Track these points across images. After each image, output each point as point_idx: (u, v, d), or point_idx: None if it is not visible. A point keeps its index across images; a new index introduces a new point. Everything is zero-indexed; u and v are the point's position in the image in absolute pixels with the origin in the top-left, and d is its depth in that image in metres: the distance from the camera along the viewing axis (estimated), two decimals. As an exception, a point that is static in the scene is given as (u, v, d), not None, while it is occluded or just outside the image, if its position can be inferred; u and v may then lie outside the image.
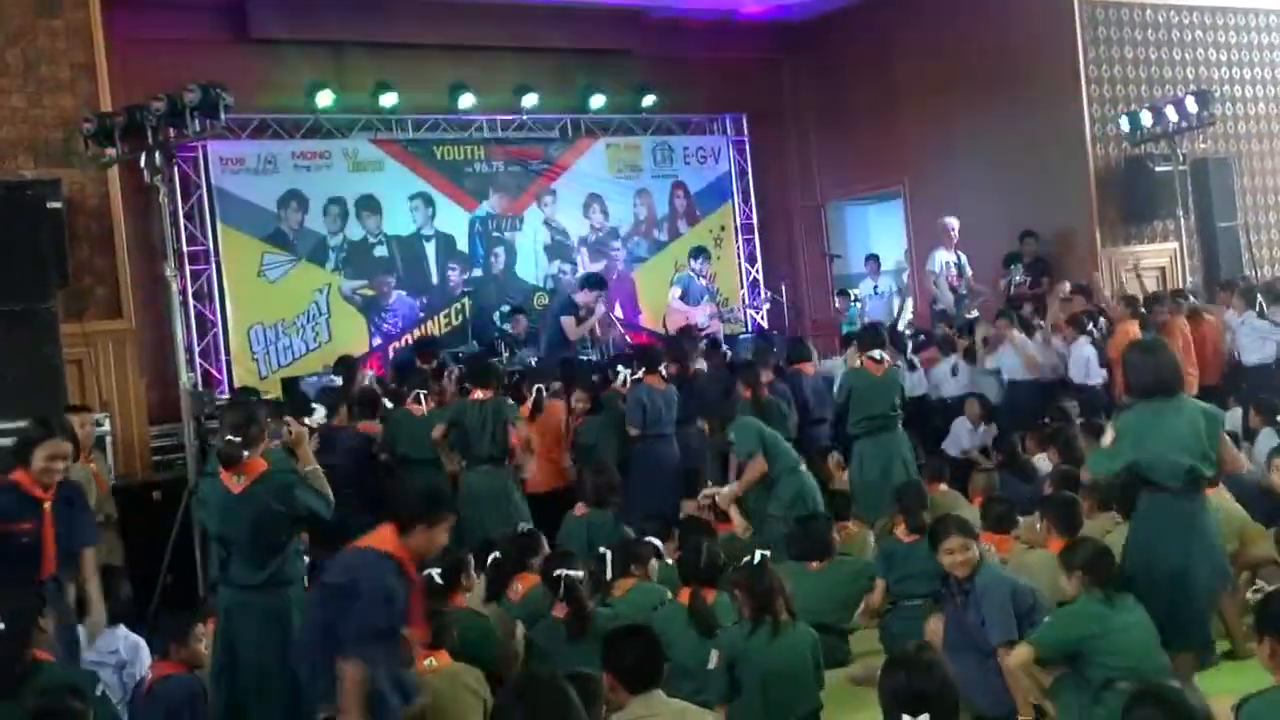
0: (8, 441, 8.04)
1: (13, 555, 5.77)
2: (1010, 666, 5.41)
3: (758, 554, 5.73)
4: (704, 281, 13.88)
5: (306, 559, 6.13)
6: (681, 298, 13.70)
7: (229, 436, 5.71)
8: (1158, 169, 13.34)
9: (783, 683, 5.47)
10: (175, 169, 9.97)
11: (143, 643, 6.41)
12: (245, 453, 5.69)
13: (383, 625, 4.88)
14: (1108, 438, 6.03)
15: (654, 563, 6.85)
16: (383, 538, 5.05)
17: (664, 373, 9.65)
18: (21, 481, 5.88)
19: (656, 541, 7.15)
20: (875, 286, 14.73)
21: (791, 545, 7.11)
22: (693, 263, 13.99)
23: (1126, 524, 6.27)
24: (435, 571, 6.15)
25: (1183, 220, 13.33)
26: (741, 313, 15.49)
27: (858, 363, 8.98)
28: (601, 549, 6.78)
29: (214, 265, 12.58)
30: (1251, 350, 10.99)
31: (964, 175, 14.50)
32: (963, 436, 10.73)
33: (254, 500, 5.64)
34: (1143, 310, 11.45)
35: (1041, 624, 5.46)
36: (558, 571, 6.22)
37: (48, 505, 5.89)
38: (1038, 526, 6.77)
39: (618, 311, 14.34)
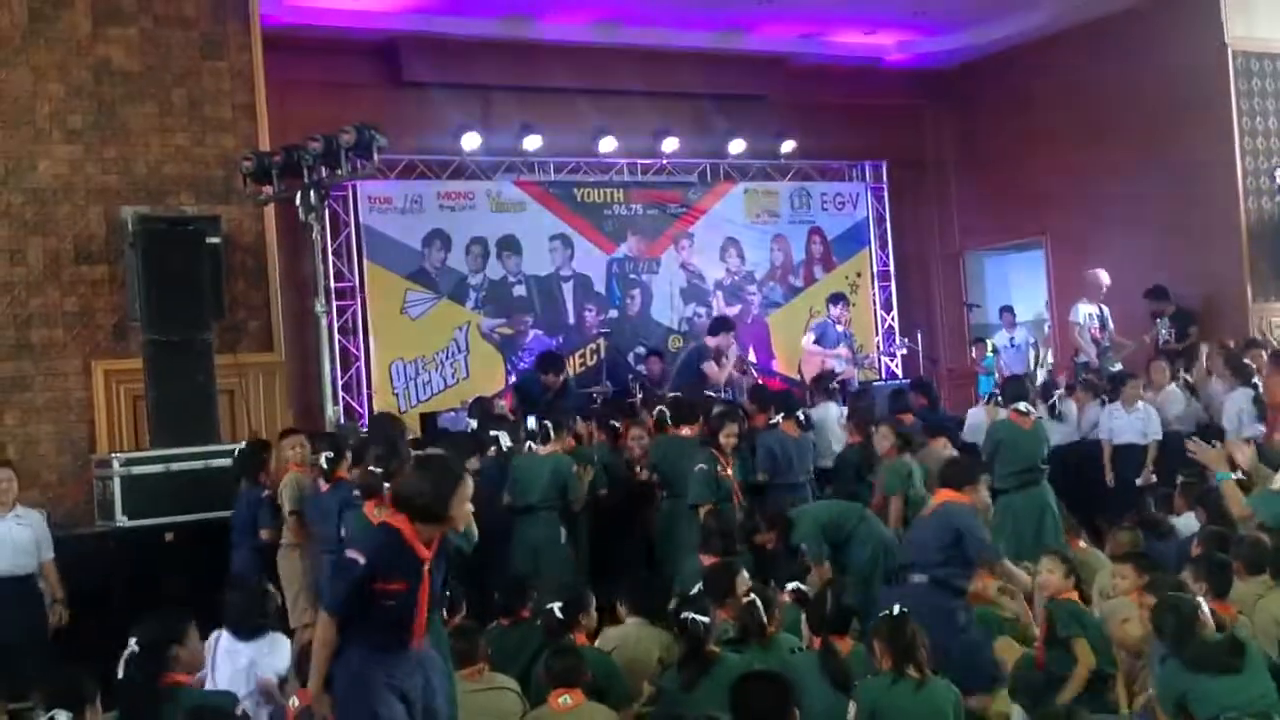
0: (160, 469, 8.44)
1: (377, 619, 4.84)
2: None
3: (896, 607, 5.66)
4: (841, 327, 13.79)
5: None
6: (817, 342, 13.62)
7: (371, 468, 5.78)
8: (1313, 224, 12.98)
9: (924, 740, 5.37)
10: (327, 207, 10.22)
11: (284, 639, 6.34)
12: (387, 485, 5.74)
13: None
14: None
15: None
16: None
17: (800, 419, 9.55)
18: (403, 531, 4.86)
19: (804, 587, 7.12)
20: (1011, 338, 14.47)
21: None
22: (831, 308, 13.92)
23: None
24: (556, 606, 6.18)
25: (1339, 277, 12.96)
26: (876, 360, 15.36)
27: (1000, 415, 8.86)
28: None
29: (359, 301, 12.89)
30: None
31: (1108, 227, 14.23)
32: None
33: None
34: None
35: None
36: (684, 614, 6.20)
37: (428, 564, 4.88)
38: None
39: (751, 356, 14.36)
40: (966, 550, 6.67)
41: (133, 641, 5.22)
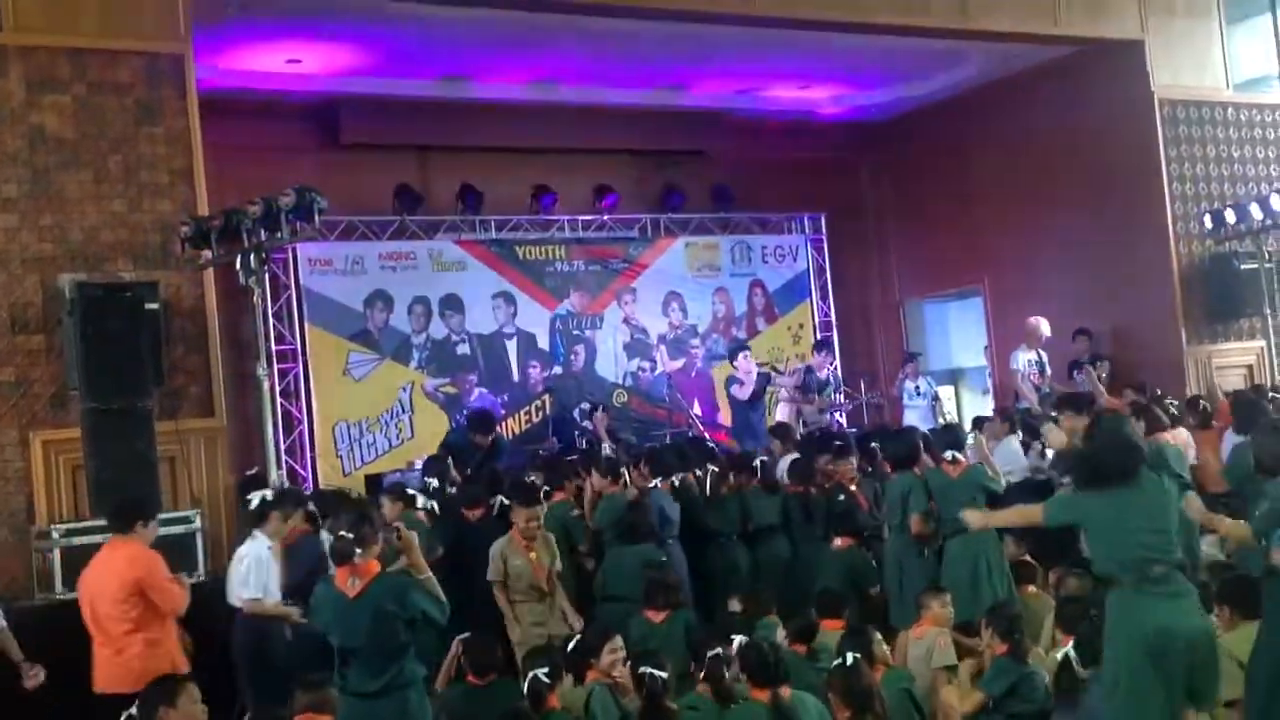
0: (101, 539, 8.29)
1: None
2: None
3: (849, 656, 5.66)
4: (824, 374, 13.77)
5: None
6: (798, 389, 13.54)
7: (342, 533, 5.60)
8: (1243, 267, 13.23)
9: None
10: (267, 270, 10.15)
11: None
12: (359, 550, 5.57)
13: None
14: None
15: None
16: None
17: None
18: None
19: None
20: (916, 387, 14.54)
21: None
22: (815, 356, 13.98)
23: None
24: (540, 671, 6.11)
25: (1270, 318, 13.19)
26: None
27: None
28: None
29: (301, 363, 12.81)
30: None
31: (1045, 273, 14.47)
32: None
33: (370, 603, 5.49)
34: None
35: None
36: (642, 669, 6.16)
37: None
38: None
39: (696, 409, 14.41)
40: None
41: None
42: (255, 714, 6.77)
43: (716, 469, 9.58)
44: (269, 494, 7.95)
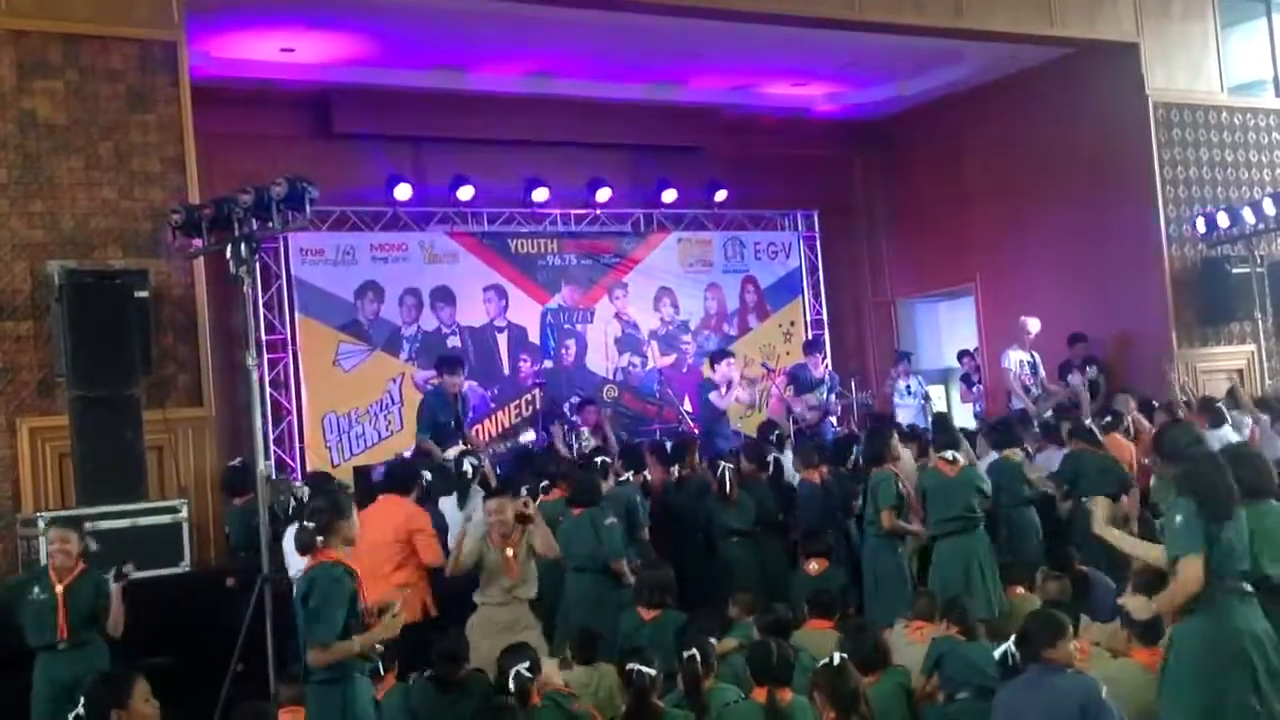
0: (86, 528, 8.25)
1: None
2: None
3: (836, 656, 5.64)
4: (819, 372, 13.69)
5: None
6: (792, 387, 13.50)
7: (306, 523, 5.62)
8: (1235, 270, 13.25)
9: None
10: (258, 260, 10.09)
11: None
12: (319, 539, 5.57)
13: None
14: None
15: None
16: None
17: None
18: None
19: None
20: (907, 386, 14.49)
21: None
22: (807, 355, 13.95)
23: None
24: (523, 666, 6.09)
25: (1260, 322, 13.21)
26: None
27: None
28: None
29: (291, 354, 12.77)
30: None
31: (1037, 274, 14.48)
32: None
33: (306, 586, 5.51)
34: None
35: None
36: (629, 666, 6.14)
37: None
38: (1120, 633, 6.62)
39: (686, 405, 14.38)
40: None
41: (80, 704, 5.17)
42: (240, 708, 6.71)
43: (734, 466, 9.55)
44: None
